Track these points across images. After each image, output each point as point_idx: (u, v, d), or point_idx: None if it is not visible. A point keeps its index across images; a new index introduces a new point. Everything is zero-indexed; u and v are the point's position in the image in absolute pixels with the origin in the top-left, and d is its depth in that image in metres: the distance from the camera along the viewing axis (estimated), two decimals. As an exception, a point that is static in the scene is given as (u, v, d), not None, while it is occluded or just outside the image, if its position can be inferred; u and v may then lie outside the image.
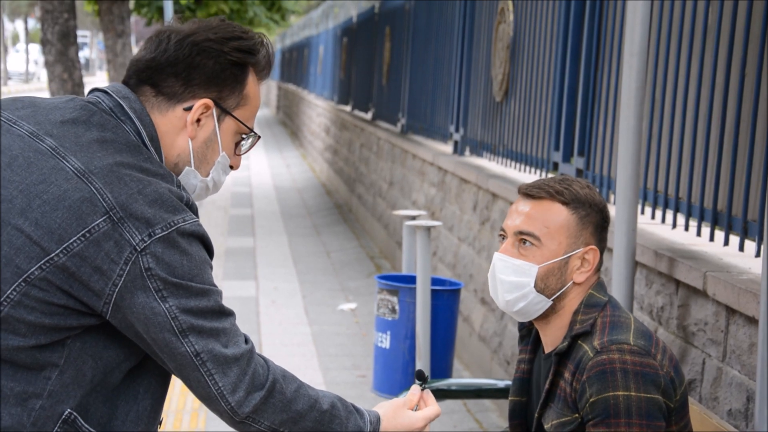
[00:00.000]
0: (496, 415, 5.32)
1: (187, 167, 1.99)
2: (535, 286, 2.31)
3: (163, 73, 1.96)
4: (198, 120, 1.97)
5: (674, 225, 3.66)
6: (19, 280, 1.79)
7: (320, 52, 19.32)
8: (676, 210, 3.65)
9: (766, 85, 3.08)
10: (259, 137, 2.10)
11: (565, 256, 2.31)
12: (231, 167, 2.07)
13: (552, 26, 5.15)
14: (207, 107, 1.97)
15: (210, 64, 1.96)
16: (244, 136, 2.05)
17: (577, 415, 2.22)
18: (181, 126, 1.97)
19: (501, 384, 3.50)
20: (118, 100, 1.94)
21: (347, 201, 12.95)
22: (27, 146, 1.86)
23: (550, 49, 5.18)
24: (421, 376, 2.20)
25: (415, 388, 2.18)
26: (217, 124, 1.99)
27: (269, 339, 6.65)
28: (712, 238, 3.40)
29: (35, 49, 52.07)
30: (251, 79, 2.01)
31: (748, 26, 3.20)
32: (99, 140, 1.87)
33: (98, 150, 1.86)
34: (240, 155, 2.08)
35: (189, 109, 1.96)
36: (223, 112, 1.99)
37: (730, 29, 3.31)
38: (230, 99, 1.99)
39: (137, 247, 1.80)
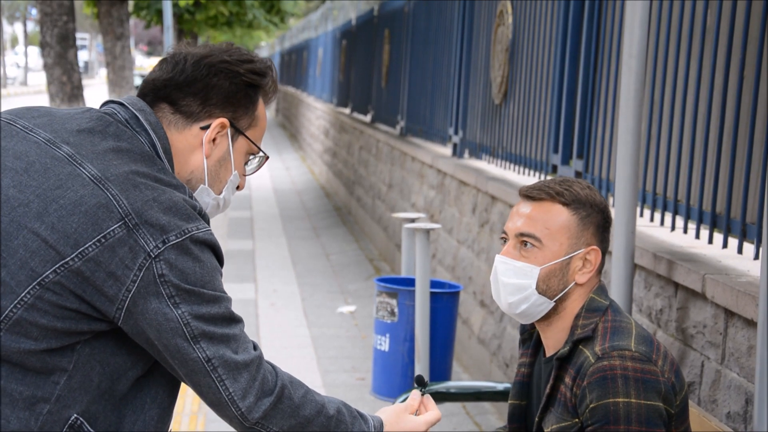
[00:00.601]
0: (495, 417, 5.32)
1: (201, 185, 2.03)
2: (536, 288, 2.31)
3: (181, 92, 2.00)
4: (214, 139, 2.02)
5: (673, 227, 3.67)
6: (34, 283, 1.81)
7: (319, 55, 19.33)
8: (675, 212, 3.65)
9: (764, 86, 3.08)
10: (268, 158, 2.14)
11: (567, 257, 2.31)
12: (237, 187, 2.11)
13: (551, 28, 5.16)
14: (223, 126, 2.02)
15: (226, 85, 2.01)
16: (251, 156, 2.10)
17: (577, 420, 2.23)
18: (196, 144, 2.01)
19: (500, 386, 3.51)
20: (134, 112, 1.98)
21: (346, 203, 12.95)
22: (44, 153, 1.88)
23: (549, 51, 5.19)
24: (420, 381, 2.21)
25: (416, 393, 2.19)
26: (231, 143, 2.04)
27: (268, 342, 6.65)
28: (710, 241, 3.40)
29: (21, 54, 52.06)
30: (260, 101, 2.08)
31: (746, 27, 3.21)
32: (115, 149, 1.90)
33: (114, 159, 1.88)
34: (246, 175, 2.13)
35: (205, 128, 2.01)
36: (237, 132, 2.04)
37: (729, 31, 3.31)
38: (244, 119, 2.05)
39: (151, 254, 1.82)
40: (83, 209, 1.81)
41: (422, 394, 2.19)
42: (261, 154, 2.11)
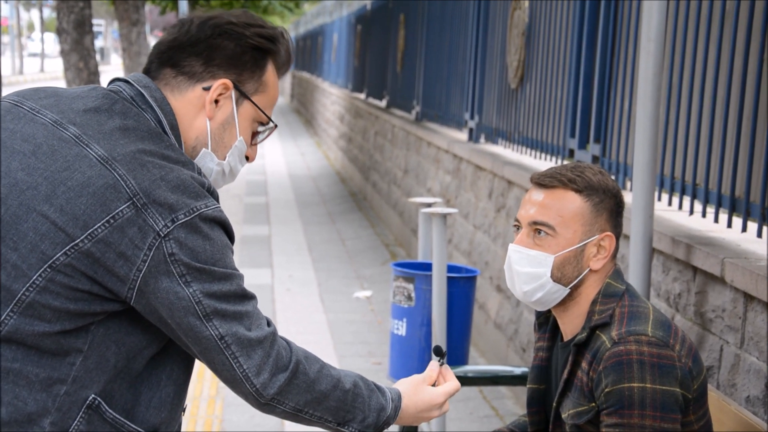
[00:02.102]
0: (512, 402, 5.32)
1: (204, 149, 2.01)
2: (551, 276, 2.30)
3: (184, 52, 1.98)
4: (216, 101, 1.99)
5: (691, 211, 3.65)
6: (45, 266, 1.80)
7: (334, 40, 19.30)
8: (694, 196, 3.64)
9: (784, 70, 3.06)
10: (276, 126, 2.11)
11: (581, 244, 2.30)
12: (246, 158, 2.08)
13: (568, 12, 5.13)
14: (226, 87, 1.99)
15: (231, 46, 1.98)
16: (260, 128, 2.07)
17: (593, 404, 2.22)
18: (199, 106, 1.99)
19: (517, 371, 3.50)
20: (139, 89, 1.96)
21: (362, 189, 12.95)
22: (51, 134, 1.88)
23: (565, 35, 5.16)
24: (439, 352, 2.20)
25: (434, 364, 2.18)
26: (235, 107, 2.01)
27: (285, 327, 6.67)
28: (729, 225, 3.38)
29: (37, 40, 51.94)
30: (271, 68, 2.04)
31: (766, 10, 3.18)
32: (121, 128, 1.89)
33: (121, 138, 1.87)
34: (256, 145, 2.09)
35: (208, 89, 1.98)
36: (242, 95, 2.01)
37: (749, 13, 3.29)
38: (249, 83, 2.01)
39: (161, 233, 1.81)
40: (91, 190, 1.81)
41: (440, 365, 2.18)
42: (270, 123, 2.07)
